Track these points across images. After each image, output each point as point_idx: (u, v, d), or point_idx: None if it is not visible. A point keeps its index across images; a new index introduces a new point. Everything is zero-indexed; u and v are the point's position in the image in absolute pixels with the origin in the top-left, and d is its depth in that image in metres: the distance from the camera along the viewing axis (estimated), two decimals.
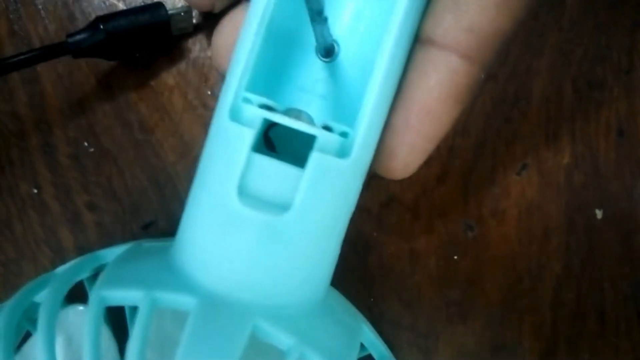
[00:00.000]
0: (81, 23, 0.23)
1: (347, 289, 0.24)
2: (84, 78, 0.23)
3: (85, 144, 0.23)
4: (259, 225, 0.15)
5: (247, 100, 0.15)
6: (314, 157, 0.15)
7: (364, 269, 0.24)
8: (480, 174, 0.24)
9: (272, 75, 0.17)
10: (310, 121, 0.16)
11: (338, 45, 0.17)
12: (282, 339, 0.15)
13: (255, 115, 0.15)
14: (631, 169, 0.24)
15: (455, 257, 0.24)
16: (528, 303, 0.24)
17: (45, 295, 0.17)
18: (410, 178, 0.24)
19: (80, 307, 0.20)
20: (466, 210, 0.24)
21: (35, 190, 0.23)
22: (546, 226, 0.24)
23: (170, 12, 0.22)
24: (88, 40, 0.21)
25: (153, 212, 0.24)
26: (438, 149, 0.24)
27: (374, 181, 0.24)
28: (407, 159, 0.16)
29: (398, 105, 0.16)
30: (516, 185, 0.24)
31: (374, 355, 0.19)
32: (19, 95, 0.24)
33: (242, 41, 0.15)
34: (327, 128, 0.15)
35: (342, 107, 0.17)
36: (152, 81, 0.24)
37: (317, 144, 0.15)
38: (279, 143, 0.17)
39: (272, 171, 0.15)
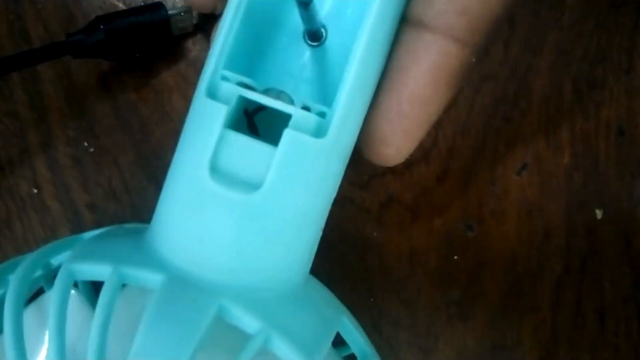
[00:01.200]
0: (81, 23, 0.23)
1: (347, 289, 0.24)
2: (84, 78, 0.23)
3: (85, 144, 0.23)
4: (230, 203, 0.15)
5: (225, 79, 0.15)
6: (287, 135, 0.15)
7: (363, 269, 0.24)
8: (480, 173, 0.24)
9: (257, 58, 0.17)
10: (290, 102, 0.16)
11: (326, 30, 0.17)
12: (249, 321, 0.15)
13: (232, 92, 0.15)
14: (631, 168, 0.24)
15: (455, 257, 0.24)
16: (528, 303, 0.24)
17: (16, 275, 0.16)
18: (410, 178, 0.24)
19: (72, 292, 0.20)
20: (466, 210, 0.24)
21: (35, 190, 0.23)
22: (546, 226, 0.24)
23: (170, 12, 0.22)
24: (88, 40, 0.21)
25: (153, 212, 0.24)
26: (438, 148, 0.24)
27: (374, 181, 0.24)
28: (399, 144, 0.16)
29: (389, 89, 0.16)
30: (516, 185, 0.24)
31: (353, 349, 0.19)
32: (18, 95, 0.24)
33: (222, 21, 0.15)
34: (305, 109, 0.15)
35: (328, 92, 0.17)
36: (152, 81, 0.24)
37: (292, 122, 0.15)
38: (264, 130, 0.17)
39: (245, 148, 0.15)
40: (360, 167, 0.24)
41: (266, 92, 0.15)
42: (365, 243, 0.24)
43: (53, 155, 0.23)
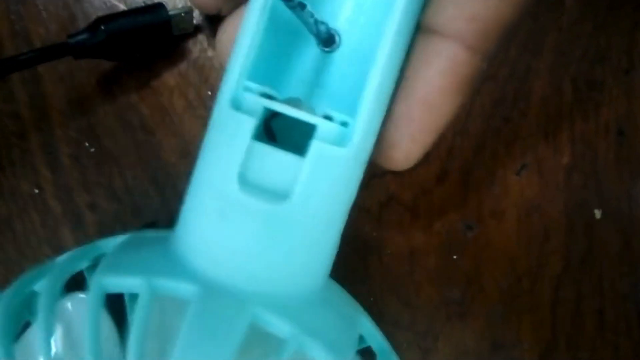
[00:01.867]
0: (82, 24, 0.23)
1: (347, 289, 0.24)
2: (84, 78, 0.23)
3: (86, 144, 0.24)
4: (259, 214, 0.15)
5: (247, 89, 0.15)
6: (315, 146, 0.15)
7: (363, 269, 0.24)
8: (479, 174, 0.24)
9: (273, 65, 0.17)
10: (311, 111, 0.16)
11: (339, 36, 0.17)
12: (282, 327, 0.15)
13: (256, 103, 0.15)
14: (630, 169, 0.24)
15: (455, 257, 0.24)
16: (527, 302, 0.24)
17: (44, 284, 0.17)
18: (409, 178, 0.24)
19: (81, 295, 0.20)
20: (465, 210, 0.24)
21: (37, 191, 0.23)
22: (545, 226, 0.24)
23: (170, 12, 0.22)
24: (89, 40, 0.21)
25: (154, 212, 0.24)
26: (438, 148, 0.24)
27: (374, 181, 0.24)
28: (408, 149, 0.16)
29: (400, 95, 0.16)
30: (515, 185, 0.24)
31: (373, 347, 0.19)
32: (20, 96, 0.24)
33: (244, 30, 0.15)
34: (327, 117, 0.15)
35: (344, 98, 0.17)
36: (152, 82, 0.24)
37: (318, 133, 0.15)
38: (280, 134, 0.17)
39: (273, 160, 0.15)
40: None
41: (287, 101, 0.16)
42: (365, 243, 0.24)
43: (54, 155, 0.23)
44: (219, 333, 0.14)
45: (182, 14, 0.23)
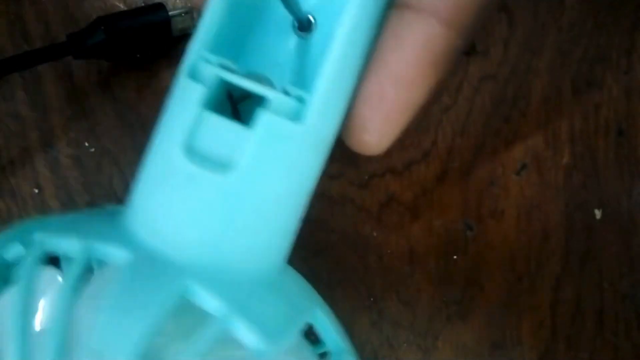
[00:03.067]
0: (82, 24, 0.23)
1: (347, 289, 0.24)
2: (85, 78, 0.23)
3: (86, 144, 0.24)
4: (203, 183, 0.15)
5: (207, 61, 0.15)
6: (263, 117, 0.15)
7: (363, 269, 0.24)
8: (479, 173, 0.24)
9: (245, 46, 0.17)
10: (270, 86, 0.16)
11: (315, 19, 0.17)
12: (212, 302, 0.15)
13: (212, 74, 0.15)
14: (630, 169, 0.24)
15: (455, 257, 0.24)
16: (527, 302, 0.24)
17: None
18: (409, 178, 0.24)
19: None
20: (465, 210, 0.24)
21: (37, 190, 0.23)
22: (545, 226, 0.24)
23: (170, 13, 0.22)
24: (89, 41, 0.21)
25: None
26: (437, 149, 0.24)
27: (374, 181, 0.24)
28: (381, 130, 0.16)
29: (371, 72, 0.15)
30: (515, 185, 0.24)
31: (326, 342, 0.18)
32: (20, 95, 0.24)
33: (208, 3, 0.15)
34: (285, 93, 0.15)
35: (308, 78, 0.17)
36: (152, 82, 0.24)
37: (269, 105, 0.15)
38: (248, 118, 0.17)
39: (221, 129, 0.15)
40: (360, 167, 0.24)
41: (248, 76, 0.15)
42: (365, 243, 0.24)
43: (54, 155, 0.23)
44: (145, 300, 0.14)
45: (182, 15, 0.23)
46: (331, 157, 0.24)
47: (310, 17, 0.17)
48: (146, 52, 0.23)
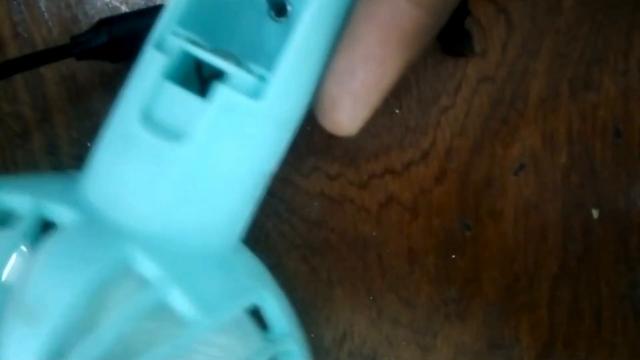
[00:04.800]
0: (84, 25, 0.24)
1: (347, 288, 0.24)
2: (87, 80, 0.24)
3: (89, 144, 0.24)
4: (154, 151, 0.15)
5: (175, 34, 0.15)
6: (220, 90, 0.15)
7: (363, 268, 0.24)
8: (477, 174, 0.24)
9: (220, 27, 0.17)
10: (236, 63, 0.16)
11: (292, 5, 0.17)
12: (150, 269, 0.15)
13: (176, 45, 0.15)
14: (627, 169, 0.25)
15: (453, 256, 0.24)
16: (525, 301, 0.24)
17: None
18: (408, 178, 0.24)
19: None
20: (464, 210, 0.24)
21: None
22: (543, 226, 0.24)
23: None
24: (91, 42, 0.21)
25: None
26: (436, 149, 0.24)
27: (373, 181, 0.24)
28: (351, 109, 0.16)
29: (341, 51, 0.16)
30: (513, 186, 0.24)
31: (269, 324, 0.18)
32: (22, 96, 0.24)
33: None
34: (248, 71, 0.15)
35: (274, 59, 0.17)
36: None
37: (229, 80, 0.15)
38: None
39: (179, 100, 0.15)
40: (359, 168, 0.24)
41: (214, 52, 0.15)
42: (364, 242, 0.24)
43: (57, 156, 0.24)
44: (84, 260, 0.14)
45: None
46: (331, 157, 0.24)
47: (287, 4, 0.17)
48: None
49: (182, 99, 0.15)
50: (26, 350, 0.14)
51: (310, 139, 0.24)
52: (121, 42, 0.22)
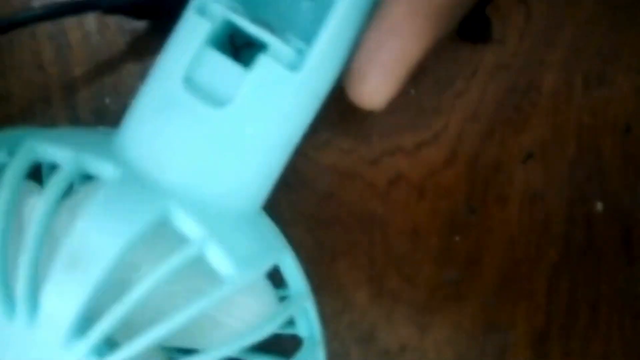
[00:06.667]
0: None
1: (350, 261, 0.24)
2: (112, 35, 0.24)
3: (107, 100, 0.24)
4: (196, 113, 0.16)
5: (217, 1, 0.16)
6: (262, 60, 0.16)
7: (367, 243, 0.24)
8: (486, 159, 0.25)
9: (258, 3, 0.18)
10: (274, 34, 0.17)
11: None
12: (191, 226, 0.15)
13: (219, 12, 0.16)
14: (635, 166, 0.25)
15: (457, 238, 0.25)
16: (524, 288, 0.25)
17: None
18: (419, 158, 0.25)
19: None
20: (470, 194, 0.25)
21: None
22: (547, 215, 0.25)
23: None
24: None
25: None
26: (448, 132, 0.25)
27: (384, 158, 0.25)
28: (378, 82, 0.16)
29: (371, 26, 0.16)
30: (521, 173, 0.25)
31: (290, 284, 0.19)
32: (45, 48, 0.24)
33: None
34: (287, 43, 0.16)
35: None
36: None
37: (269, 50, 0.16)
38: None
39: (221, 66, 0.16)
40: (372, 144, 0.24)
41: (254, 22, 0.16)
42: (370, 218, 0.25)
43: (74, 108, 0.24)
44: (128, 212, 0.15)
45: None
46: (345, 132, 0.25)
47: None
48: (177, 14, 0.23)
49: (223, 65, 0.16)
50: (68, 297, 0.14)
51: (326, 113, 0.24)
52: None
